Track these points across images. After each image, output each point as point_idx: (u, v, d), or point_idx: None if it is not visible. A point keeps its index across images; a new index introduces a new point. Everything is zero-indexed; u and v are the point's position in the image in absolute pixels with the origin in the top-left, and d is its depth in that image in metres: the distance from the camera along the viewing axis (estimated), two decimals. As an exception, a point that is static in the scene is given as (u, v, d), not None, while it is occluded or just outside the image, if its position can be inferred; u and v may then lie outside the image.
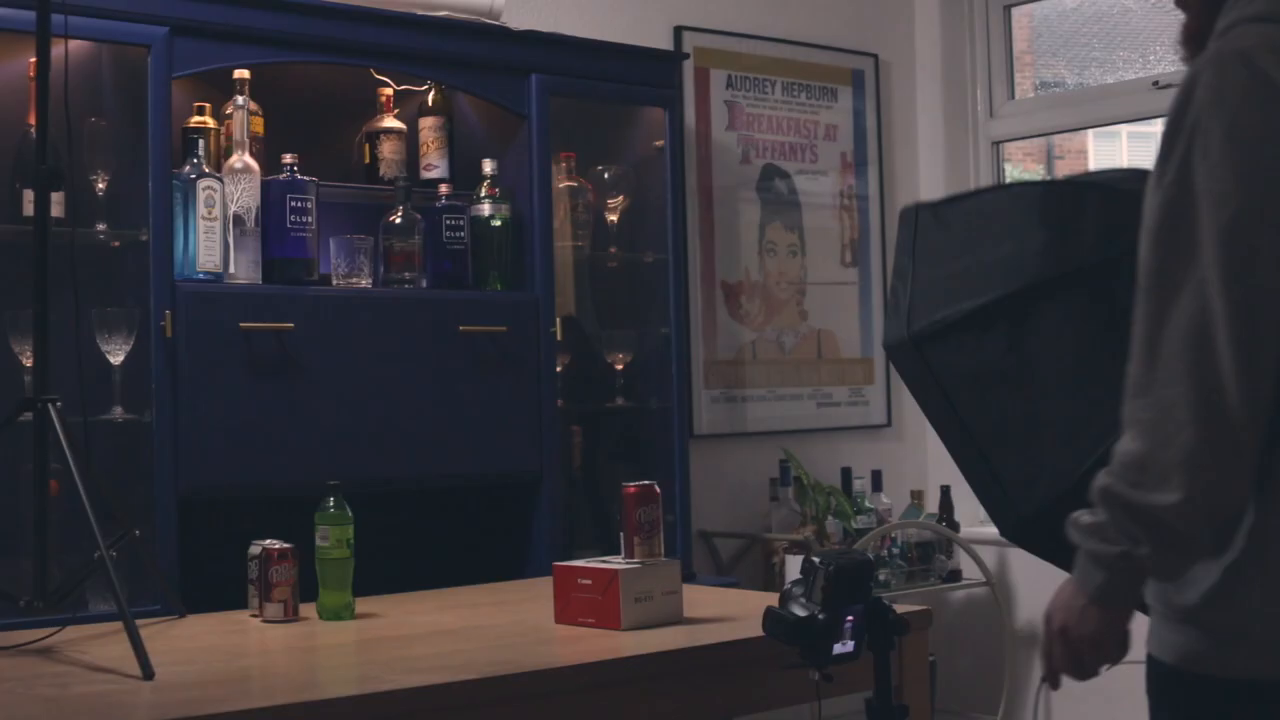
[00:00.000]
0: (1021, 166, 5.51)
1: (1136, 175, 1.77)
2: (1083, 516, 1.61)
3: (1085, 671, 1.67)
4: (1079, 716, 4.25)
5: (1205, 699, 1.62)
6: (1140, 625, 1.68)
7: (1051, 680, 1.70)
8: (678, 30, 4.23)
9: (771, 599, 2.02)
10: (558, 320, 3.48)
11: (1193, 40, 1.74)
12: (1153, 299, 1.56)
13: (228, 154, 3.15)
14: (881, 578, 4.03)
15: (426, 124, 3.51)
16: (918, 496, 4.36)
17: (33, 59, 2.59)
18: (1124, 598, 1.62)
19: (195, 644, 2.49)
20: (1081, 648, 1.64)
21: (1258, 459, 1.54)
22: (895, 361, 2.02)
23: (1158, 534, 1.54)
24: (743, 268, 4.34)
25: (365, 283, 3.24)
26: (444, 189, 3.44)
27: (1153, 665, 1.68)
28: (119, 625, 2.29)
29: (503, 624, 2.68)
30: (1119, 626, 1.64)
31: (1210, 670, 1.60)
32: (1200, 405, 1.51)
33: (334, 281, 3.23)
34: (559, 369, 3.51)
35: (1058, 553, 1.72)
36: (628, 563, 2.53)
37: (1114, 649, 1.65)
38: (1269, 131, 1.53)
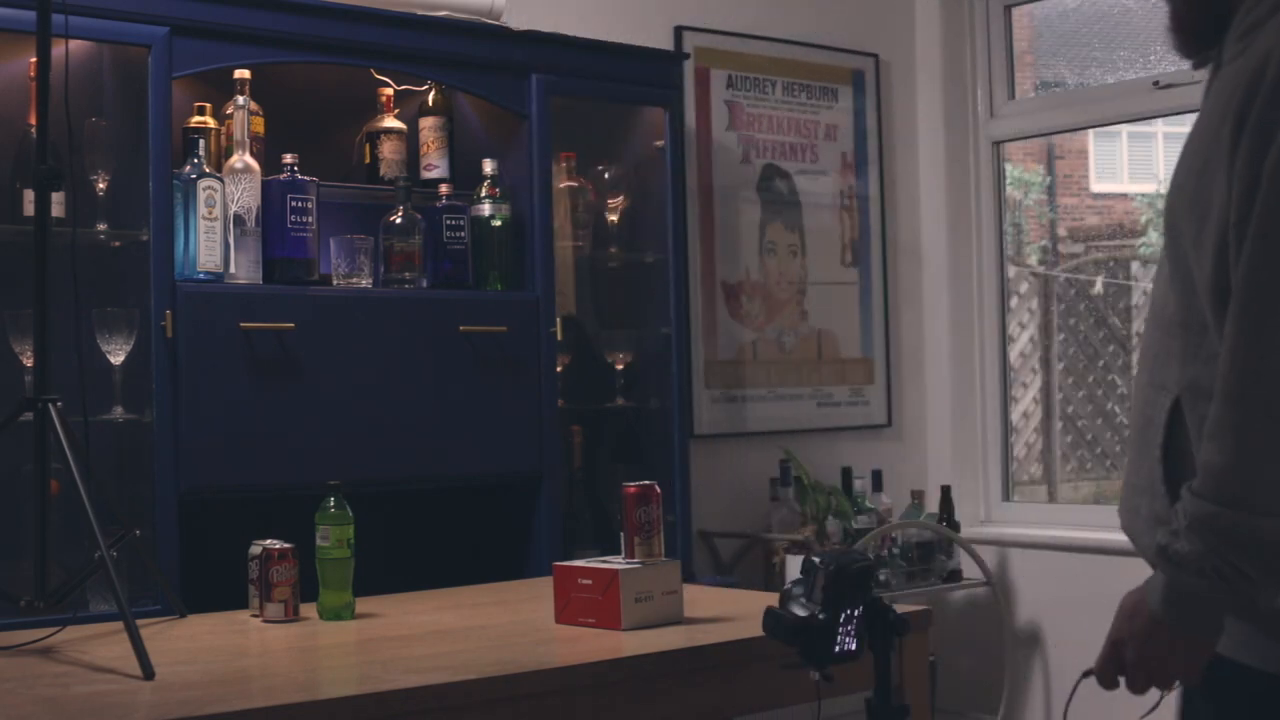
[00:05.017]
0: (1022, 167, 5.51)
1: None
2: (1174, 544, 1.52)
3: (1156, 688, 1.61)
4: (1081, 715, 4.25)
5: None
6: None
7: (1111, 685, 1.64)
8: (678, 30, 4.23)
9: (771, 599, 2.02)
10: (558, 320, 3.48)
11: (1183, 29, 1.71)
12: (1263, 295, 1.48)
13: (228, 154, 3.15)
14: (882, 578, 4.03)
15: (426, 124, 3.51)
16: (918, 496, 4.36)
17: (33, 59, 2.59)
18: (1216, 626, 1.55)
19: (195, 644, 2.49)
20: (1163, 678, 1.58)
21: None
22: None
23: (1268, 560, 1.46)
24: (743, 268, 4.34)
25: (365, 283, 3.24)
26: (444, 189, 3.44)
27: (1241, 672, 1.59)
28: (119, 625, 2.29)
29: (503, 624, 2.68)
30: (1207, 654, 1.57)
31: None
32: None
33: (334, 281, 3.23)
34: (559, 369, 3.51)
35: None
36: (628, 563, 2.53)
37: (1198, 676, 1.59)
38: None
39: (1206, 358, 1.57)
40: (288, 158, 3.17)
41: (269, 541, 2.69)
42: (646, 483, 2.58)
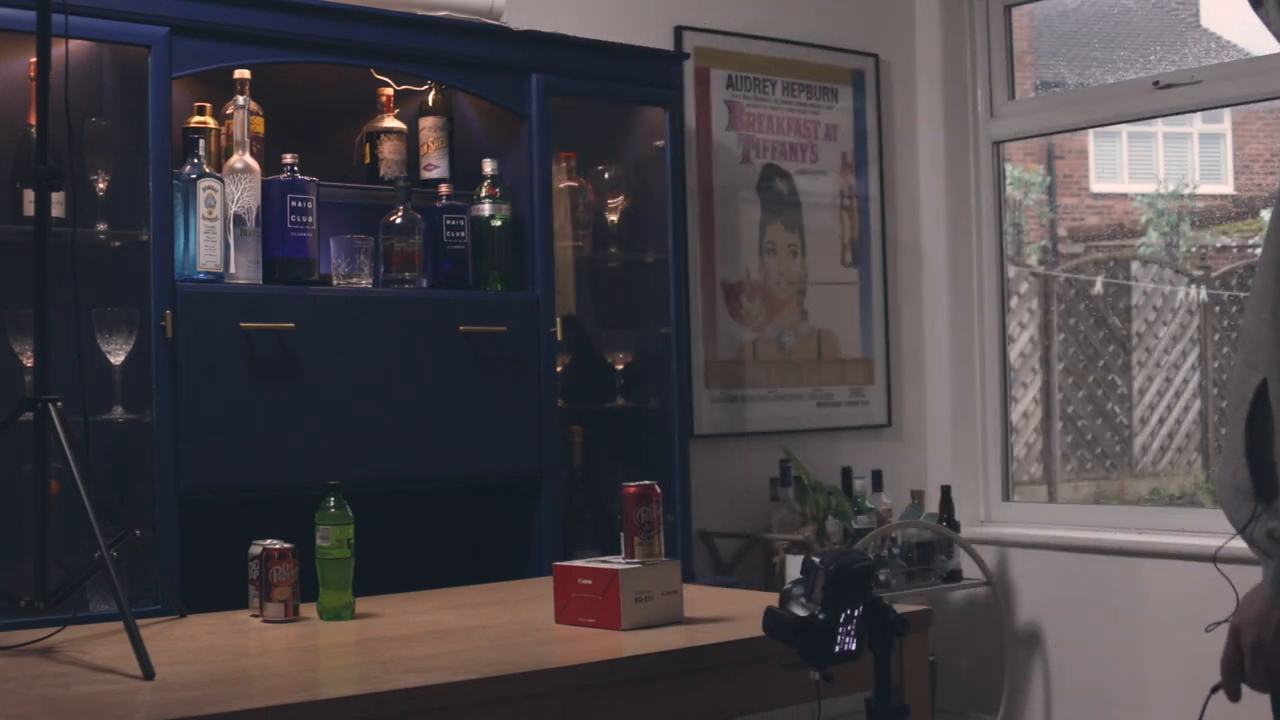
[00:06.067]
0: (1022, 167, 5.51)
1: None
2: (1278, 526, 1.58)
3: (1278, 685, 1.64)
4: (1080, 717, 4.25)
5: None
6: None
7: (1235, 695, 1.67)
8: (678, 30, 4.23)
9: (771, 599, 2.02)
10: (558, 320, 3.48)
11: None
12: None
13: (228, 154, 3.15)
14: (882, 578, 4.03)
15: (426, 124, 3.51)
16: (918, 496, 4.36)
17: (33, 59, 2.59)
18: None
19: (195, 644, 2.49)
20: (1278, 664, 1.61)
21: None
22: None
23: None
24: (743, 268, 4.34)
25: (365, 283, 3.24)
26: (444, 189, 3.44)
27: None
28: (119, 625, 2.29)
29: (503, 624, 2.68)
30: None
31: None
32: None
33: (334, 281, 3.23)
34: (559, 369, 3.51)
35: None
36: (628, 563, 2.53)
37: None
38: None
39: None
40: (288, 158, 3.17)
41: (269, 541, 2.69)
42: (646, 483, 2.58)
